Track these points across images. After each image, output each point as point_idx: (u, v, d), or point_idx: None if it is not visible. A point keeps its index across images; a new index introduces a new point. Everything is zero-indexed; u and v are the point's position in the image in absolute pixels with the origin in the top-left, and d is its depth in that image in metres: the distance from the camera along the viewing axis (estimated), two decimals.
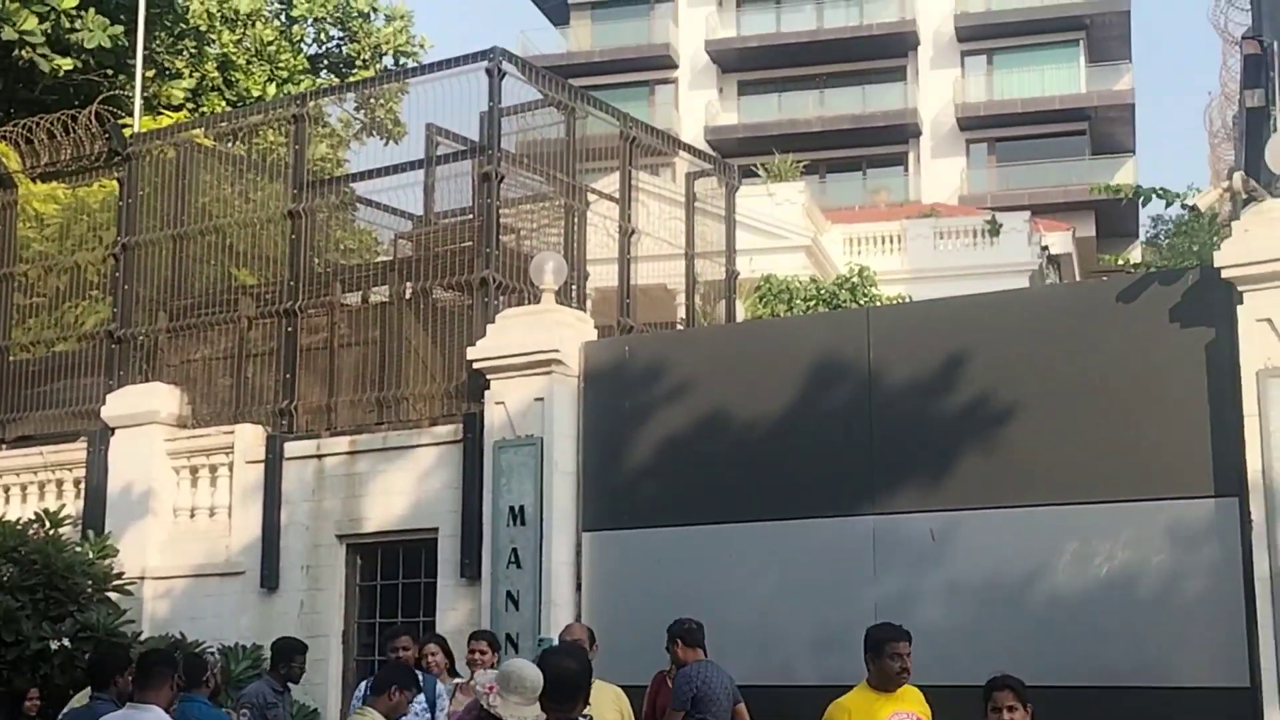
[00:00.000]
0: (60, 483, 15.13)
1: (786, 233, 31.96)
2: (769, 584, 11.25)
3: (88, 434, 14.92)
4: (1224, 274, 9.54)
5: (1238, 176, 10.29)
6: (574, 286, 14.02)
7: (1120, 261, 35.65)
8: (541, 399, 12.13)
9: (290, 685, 10.74)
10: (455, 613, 12.46)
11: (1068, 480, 10.20)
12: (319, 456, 13.63)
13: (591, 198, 15.26)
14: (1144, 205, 11.49)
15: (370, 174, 15.29)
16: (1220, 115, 25.93)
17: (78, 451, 14.96)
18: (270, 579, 13.54)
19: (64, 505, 14.46)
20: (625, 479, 12.06)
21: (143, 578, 13.95)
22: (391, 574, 13.20)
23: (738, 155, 43.12)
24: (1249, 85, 11.47)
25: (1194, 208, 10.95)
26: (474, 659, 10.10)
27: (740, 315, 18.98)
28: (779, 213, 32.22)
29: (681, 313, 17.92)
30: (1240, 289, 9.50)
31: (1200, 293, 9.85)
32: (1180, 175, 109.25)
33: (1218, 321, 9.71)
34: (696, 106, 54.25)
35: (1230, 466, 9.56)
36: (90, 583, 12.51)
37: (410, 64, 31.48)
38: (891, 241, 37.28)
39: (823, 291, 26.54)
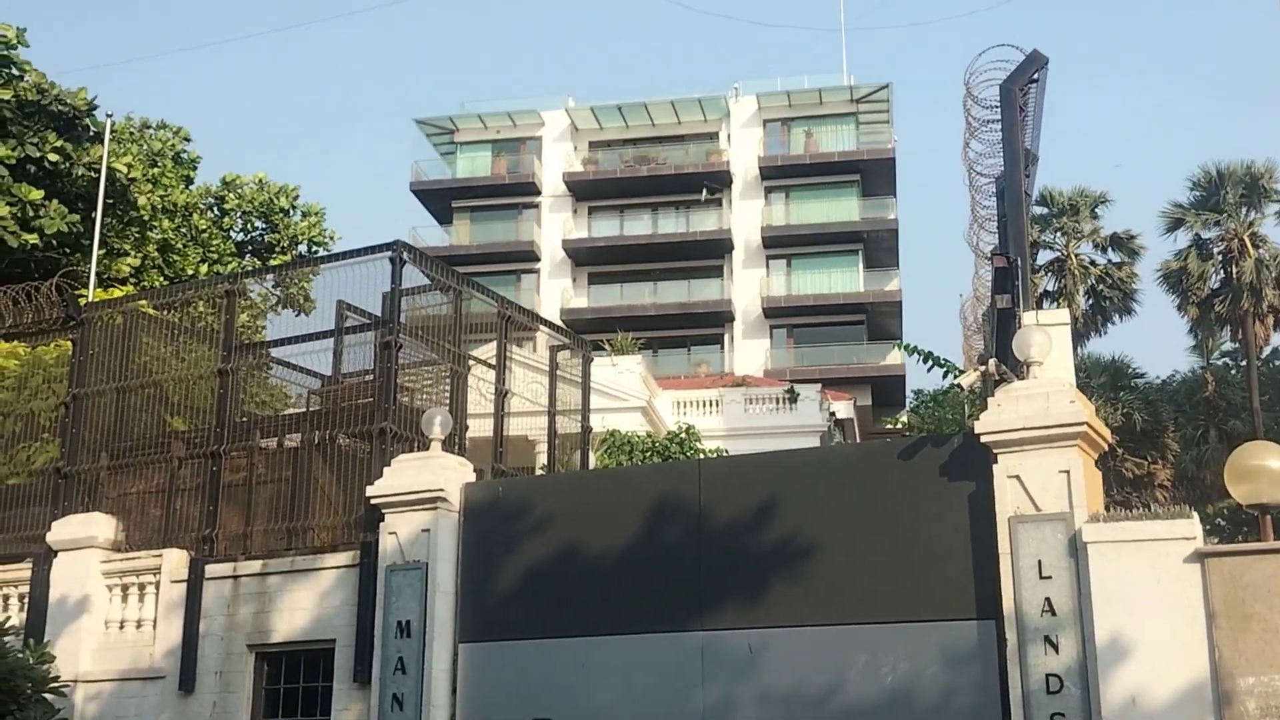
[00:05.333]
0: (6, 597, 14.41)
1: (626, 396, 32.21)
2: (613, 689, 11.04)
3: (33, 555, 14.26)
4: (983, 439, 9.69)
5: (993, 362, 10.54)
6: (456, 436, 13.85)
7: (892, 424, 36.42)
8: (428, 530, 11.92)
9: None
10: (348, 713, 12.01)
11: (859, 603, 10.20)
12: (235, 577, 13.16)
13: (471, 363, 15.21)
14: (929, 370, 11.70)
15: (289, 340, 15.07)
16: (972, 313, 26.77)
17: (24, 570, 14.28)
18: (188, 683, 12.96)
19: (9, 616, 13.68)
20: (496, 599, 11.84)
21: (76, 681, 13.25)
22: (293, 678, 12.71)
23: (587, 333, 43.35)
24: (998, 291, 11.88)
25: (959, 385, 11.19)
26: None
27: (591, 463, 18.92)
28: (620, 380, 32.50)
29: (542, 459, 17.83)
30: (995, 451, 9.67)
31: (963, 453, 9.99)
32: None
33: (977, 477, 9.83)
34: (554, 292, 54.79)
35: (989, 595, 9.62)
36: (30, 685, 11.80)
37: (321, 252, 31.39)
38: (710, 405, 37.76)
39: (656, 445, 26.69)
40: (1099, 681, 8.95)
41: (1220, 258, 40.08)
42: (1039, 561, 9.34)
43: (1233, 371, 41.24)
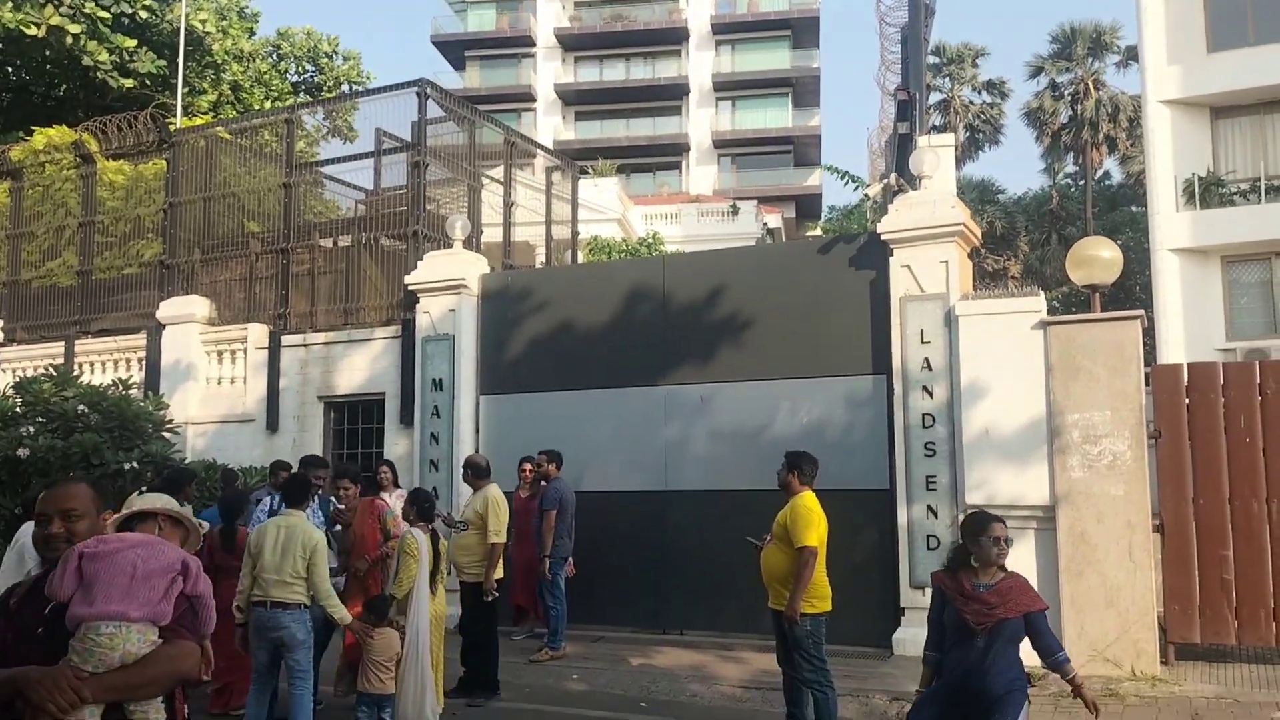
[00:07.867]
0: (129, 360, 14.43)
1: (605, 210, 31.66)
2: (599, 428, 11.27)
3: (147, 328, 14.21)
4: (883, 237, 9.66)
5: (893, 177, 10.41)
6: (474, 238, 13.70)
7: (812, 231, 36.14)
8: (454, 310, 11.92)
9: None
10: (397, 446, 12.24)
11: (784, 363, 10.36)
12: (305, 345, 13.19)
13: (485, 181, 14.90)
14: (845, 186, 11.51)
15: (337, 160, 14.75)
16: (878, 140, 26.20)
17: (140, 340, 14.27)
18: (273, 424, 13.17)
19: (132, 375, 13.81)
20: (507, 362, 11.94)
21: (186, 423, 13.42)
22: (354, 421, 12.92)
23: (574, 159, 42.57)
24: (900, 119, 11.62)
25: (867, 194, 11.04)
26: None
27: (580, 260, 18.80)
28: (601, 197, 31.86)
29: (541, 259, 17.67)
30: (892, 246, 9.65)
31: (868, 248, 9.99)
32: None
33: (878, 267, 9.86)
34: (548, 127, 53.21)
35: (883, 356, 9.78)
36: (150, 426, 11.91)
37: (359, 88, 30.21)
38: (671, 217, 37.27)
39: (629, 247, 26.52)
40: (962, 418, 9.18)
41: (1069, 98, 39.38)
42: (921, 330, 9.45)
43: (1073, 189, 40.95)
